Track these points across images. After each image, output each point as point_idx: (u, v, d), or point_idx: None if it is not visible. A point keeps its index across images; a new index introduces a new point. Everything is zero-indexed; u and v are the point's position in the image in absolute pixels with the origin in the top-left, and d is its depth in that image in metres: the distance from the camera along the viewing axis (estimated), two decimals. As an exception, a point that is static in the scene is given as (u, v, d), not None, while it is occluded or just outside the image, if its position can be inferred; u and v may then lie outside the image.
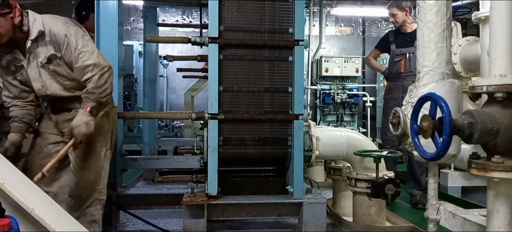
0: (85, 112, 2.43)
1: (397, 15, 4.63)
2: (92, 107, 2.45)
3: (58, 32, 2.46)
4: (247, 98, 3.23)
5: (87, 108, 2.44)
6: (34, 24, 2.44)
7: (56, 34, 2.46)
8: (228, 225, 3.46)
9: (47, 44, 2.47)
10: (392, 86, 4.70)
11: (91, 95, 2.47)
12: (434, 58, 2.12)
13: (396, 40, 4.71)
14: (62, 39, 2.46)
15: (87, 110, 2.43)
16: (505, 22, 1.78)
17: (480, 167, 1.77)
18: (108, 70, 2.55)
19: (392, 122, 2.26)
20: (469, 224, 2.11)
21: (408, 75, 4.48)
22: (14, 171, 1.89)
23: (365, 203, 3.30)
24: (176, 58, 4.70)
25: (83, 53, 2.47)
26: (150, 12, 5.24)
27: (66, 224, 1.87)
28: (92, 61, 2.48)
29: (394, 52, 4.68)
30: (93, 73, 2.48)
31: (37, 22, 2.46)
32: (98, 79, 2.48)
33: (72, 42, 2.47)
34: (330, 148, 3.43)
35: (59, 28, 2.47)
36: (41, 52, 2.47)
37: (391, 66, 4.73)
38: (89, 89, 2.48)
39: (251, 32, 3.23)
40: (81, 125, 2.40)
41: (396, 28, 4.81)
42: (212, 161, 3.11)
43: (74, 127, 2.40)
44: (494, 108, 1.74)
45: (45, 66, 2.49)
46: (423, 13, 2.14)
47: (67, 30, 2.48)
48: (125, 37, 7.88)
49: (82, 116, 2.42)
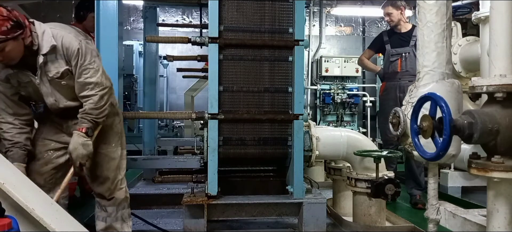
0: (80, 134, 2.37)
1: (392, 14, 4.64)
2: (87, 128, 2.39)
3: (70, 45, 2.35)
4: (247, 98, 3.23)
5: (82, 129, 2.37)
6: (44, 38, 2.31)
7: (68, 47, 2.35)
8: (228, 225, 3.46)
9: (58, 58, 2.35)
10: (388, 87, 4.70)
11: (88, 116, 2.40)
12: (434, 58, 2.12)
13: (390, 40, 4.71)
14: (74, 53, 2.36)
15: (82, 131, 2.37)
16: (505, 22, 1.78)
17: (480, 167, 1.76)
18: (108, 91, 2.50)
19: (392, 122, 2.26)
20: (469, 224, 2.11)
21: (405, 75, 4.51)
22: (14, 171, 1.89)
23: (365, 203, 3.30)
24: (176, 58, 4.70)
25: (88, 70, 2.40)
26: (150, 12, 5.25)
27: (66, 224, 1.87)
28: (95, 79, 2.42)
29: (389, 52, 4.68)
30: (93, 92, 2.42)
31: (47, 35, 2.32)
32: (97, 100, 2.42)
33: (81, 56, 2.37)
34: (330, 148, 3.43)
35: (72, 41, 2.36)
36: (52, 67, 2.36)
37: (387, 66, 4.73)
38: (86, 109, 2.41)
39: (251, 32, 3.23)
40: (78, 147, 2.34)
41: (390, 28, 4.82)
42: (212, 161, 3.11)
43: (72, 151, 2.35)
44: (494, 108, 1.74)
45: (56, 81, 2.38)
46: (423, 13, 2.14)
47: (79, 43, 2.37)
48: (125, 37, 7.89)
49: (78, 138, 2.36)
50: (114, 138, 2.66)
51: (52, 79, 2.38)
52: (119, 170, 2.67)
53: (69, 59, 2.37)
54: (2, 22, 2.10)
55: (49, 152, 2.52)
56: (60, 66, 2.37)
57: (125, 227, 2.70)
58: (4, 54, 2.18)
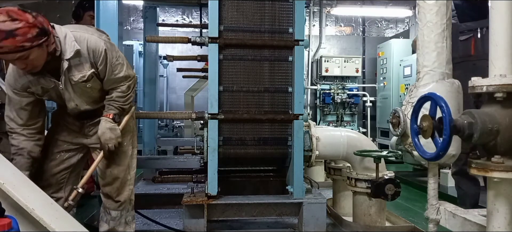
0: (107, 119, 2.42)
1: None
2: (114, 114, 2.44)
3: (97, 47, 2.32)
4: (247, 98, 3.23)
5: (109, 115, 2.43)
6: (66, 42, 2.25)
7: (94, 49, 2.32)
8: (228, 225, 3.46)
9: (82, 61, 2.32)
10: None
11: (115, 102, 2.45)
12: (434, 58, 2.12)
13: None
14: (101, 55, 2.34)
15: (110, 117, 2.42)
16: (505, 22, 1.78)
17: (480, 167, 1.76)
18: (134, 80, 2.55)
19: (392, 122, 2.26)
20: (469, 224, 2.11)
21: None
22: (14, 171, 1.89)
23: (365, 203, 3.30)
24: (176, 58, 4.70)
25: (116, 65, 2.42)
26: (150, 12, 5.25)
27: (66, 224, 1.87)
28: (123, 73, 2.46)
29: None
30: (121, 84, 2.47)
31: (69, 39, 2.26)
32: (125, 90, 2.48)
33: (109, 56, 2.37)
34: (330, 148, 3.43)
35: (97, 43, 2.33)
36: (76, 71, 2.32)
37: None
38: (113, 97, 2.45)
39: (251, 32, 3.23)
40: (106, 132, 2.39)
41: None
42: (212, 161, 3.11)
43: (100, 135, 2.39)
44: (494, 108, 1.74)
45: (80, 85, 2.35)
46: (423, 13, 2.14)
47: (105, 43, 2.36)
48: (125, 37, 7.90)
49: (105, 123, 2.41)
50: (126, 136, 2.64)
51: (77, 83, 2.35)
52: (129, 169, 2.66)
53: (96, 62, 2.35)
54: (28, 29, 2.03)
55: (61, 153, 2.53)
56: (85, 70, 2.34)
57: (128, 229, 2.69)
58: (28, 62, 2.12)
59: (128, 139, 2.66)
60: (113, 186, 2.60)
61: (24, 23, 2.02)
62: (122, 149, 2.60)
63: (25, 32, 2.01)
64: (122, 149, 2.60)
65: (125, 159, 2.63)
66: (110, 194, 2.61)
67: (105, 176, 2.59)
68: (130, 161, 2.66)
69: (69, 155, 2.55)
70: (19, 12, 2.03)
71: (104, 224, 2.64)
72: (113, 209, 2.62)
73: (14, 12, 2.01)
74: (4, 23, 1.97)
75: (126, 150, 2.64)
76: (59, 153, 2.53)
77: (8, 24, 1.98)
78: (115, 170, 2.58)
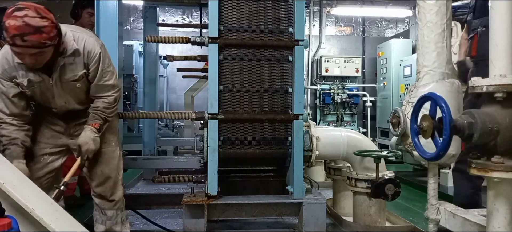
0: (93, 129, 2.43)
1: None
2: (100, 125, 2.46)
3: (93, 49, 2.37)
4: (247, 98, 3.23)
5: (96, 125, 2.44)
6: (65, 41, 2.30)
7: (90, 51, 2.36)
8: (228, 225, 3.46)
9: (76, 61, 2.35)
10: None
11: (102, 113, 2.47)
12: (434, 58, 2.12)
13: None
14: (95, 57, 2.38)
15: (96, 127, 2.44)
16: (505, 22, 1.78)
17: (480, 167, 1.77)
18: (120, 92, 2.59)
19: (392, 122, 2.26)
20: (469, 224, 2.11)
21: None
22: (14, 171, 1.88)
23: (365, 203, 3.30)
24: (176, 58, 4.70)
25: (107, 72, 2.46)
26: (150, 12, 5.24)
27: (66, 224, 1.87)
28: (112, 82, 2.49)
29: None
30: (109, 93, 2.49)
31: (68, 38, 2.31)
32: (112, 101, 2.51)
33: (102, 60, 2.41)
34: (330, 148, 3.43)
35: (94, 45, 2.38)
36: (68, 69, 2.35)
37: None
38: (100, 107, 2.47)
39: (251, 32, 3.23)
40: (89, 142, 2.40)
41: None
42: (212, 161, 3.11)
43: (82, 144, 2.39)
44: (494, 108, 1.74)
45: (70, 84, 2.39)
46: (423, 13, 2.14)
47: (101, 47, 2.41)
48: (125, 37, 7.89)
49: (90, 133, 2.42)
50: (113, 138, 2.68)
51: (67, 81, 2.38)
52: (119, 170, 2.69)
53: (89, 63, 2.38)
54: (51, 28, 2.11)
55: (44, 156, 2.52)
56: (78, 70, 2.37)
57: (124, 228, 2.71)
58: (39, 58, 2.16)
59: (115, 140, 2.69)
60: (106, 185, 2.61)
61: (50, 22, 2.11)
62: (111, 148, 2.63)
63: (50, 30, 2.10)
64: (110, 149, 2.62)
65: (114, 158, 2.65)
66: (104, 194, 2.61)
67: (96, 176, 2.60)
68: (118, 162, 2.68)
69: (53, 158, 2.54)
70: (46, 10, 2.12)
71: (100, 226, 2.65)
72: (108, 208, 2.64)
73: (42, 10, 2.10)
74: (34, 19, 2.05)
75: (114, 149, 2.66)
76: (42, 156, 2.52)
77: (37, 21, 2.05)
78: (106, 169, 2.60)
